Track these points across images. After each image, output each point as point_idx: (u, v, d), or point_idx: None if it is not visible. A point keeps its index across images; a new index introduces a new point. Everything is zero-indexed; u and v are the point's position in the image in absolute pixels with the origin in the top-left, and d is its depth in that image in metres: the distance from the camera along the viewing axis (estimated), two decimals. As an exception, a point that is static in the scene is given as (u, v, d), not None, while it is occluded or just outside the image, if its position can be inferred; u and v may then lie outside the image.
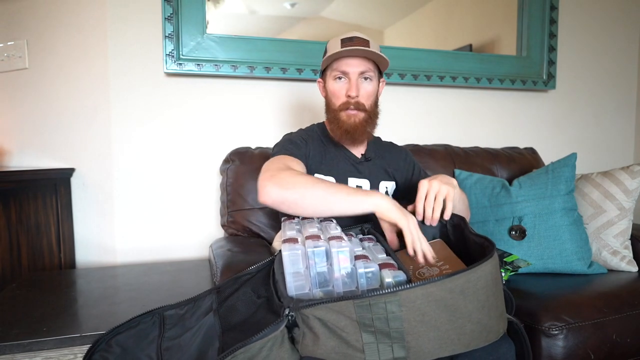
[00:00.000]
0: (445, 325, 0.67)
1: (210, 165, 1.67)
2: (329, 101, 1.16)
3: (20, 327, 1.01)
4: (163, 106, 1.62)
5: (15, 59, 1.70)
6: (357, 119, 1.11)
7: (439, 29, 1.89)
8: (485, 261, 0.69)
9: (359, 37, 1.09)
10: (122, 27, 1.56)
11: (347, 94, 1.11)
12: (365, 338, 0.66)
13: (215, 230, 1.68)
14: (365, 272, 0.72)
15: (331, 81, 1.13)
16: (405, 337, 0.66)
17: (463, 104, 1.95)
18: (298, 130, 1.24)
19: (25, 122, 1.71)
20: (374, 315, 0.66)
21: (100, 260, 1.64)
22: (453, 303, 0.67)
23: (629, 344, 1.17)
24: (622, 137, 2.23)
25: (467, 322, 0.68)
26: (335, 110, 1.13)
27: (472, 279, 0.68)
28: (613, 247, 1.45)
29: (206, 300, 0.95)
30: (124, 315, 1.08)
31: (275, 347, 0.68)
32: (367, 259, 0.76)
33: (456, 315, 0.67)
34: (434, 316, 0.66)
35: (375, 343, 0.66)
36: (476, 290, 0.68)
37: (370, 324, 0.66)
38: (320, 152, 1.17)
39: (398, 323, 0.66)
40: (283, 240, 0.78)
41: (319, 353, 0.67)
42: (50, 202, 1.56)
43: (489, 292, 0.70)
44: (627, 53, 2.20)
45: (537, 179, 1.48)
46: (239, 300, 0.94)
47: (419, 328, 0.66)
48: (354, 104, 1.10)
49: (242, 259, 1.16)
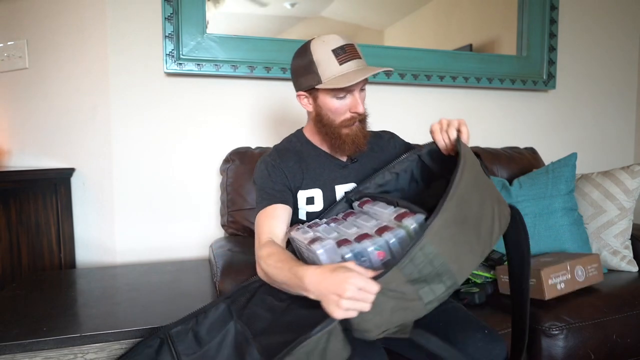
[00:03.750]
0: (469, 235, 0.76)
1: (210, 165, 1.67)
2: (324, 117, 1.06)
3: (20, 327, 1.01)
4: (163, 106, 1.62)
5: (15, 59, 1.70)
6: (359, 131, 1.08)
7: (439, 28, 1.89)
8: (460, 164, 0.78)
9: (350, 46, 1.02)
10: (122, 27, 1.56)
11: (352, 111, 1.05)
12: (419, 288, 0.72)
13: (215, 230, 1.68)
14: (374, 248, 0.80)
15: (329, 99, 1.03)
16: (449, 266, 0.73)
17: (463, 104, 1.95)
18: (271, 153, 1.13)
19: (25, 122, 1.71)
20: (418, 267, 0.71)
21: (100, 260, 1.64)
22: (464, 214, 0.75)
23: (629, 344, 1.17)
24: (622, 136, 2.23)
25: (480, 221, 0.78)
26: (335, 126, 1.06)
27: (462, 186, 0.75)
28: (613, 247, 1.45)
29: (218, 310, 0.96)
30: (124, 315, 1.09)
31: (332, 339, 0.72)
32: (369, 236, 0.82)
33: (471, 222, 0.76)
34: (459, 233, 0.74)
35: (428, 286, 0.73)
36: (471, 191, 0.77)
37: (418, 276, 0.72)
38: (301, 168, 1.10)
39: (439, 259, 0.72)
40: (309, 242, 0.84)
41: (377, 322, 0.71)
42: (50, 202, 1.56)
43: (480, 185, 0.81)
44: (628, 53, 2.20)
45: (537, 179, 1.48)
46: (259, 307, 0.96)
47: (455, 251, 0.74)
48: (360, 119, 1.07)
49: (242, 258, 1.16)
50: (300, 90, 1.07)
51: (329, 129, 1.06)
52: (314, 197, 1.10)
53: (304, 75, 1.03)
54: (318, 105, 1.06)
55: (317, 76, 1.01)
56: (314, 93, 1.05)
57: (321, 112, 1.06)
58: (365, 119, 1.09)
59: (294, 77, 1.08)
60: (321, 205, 1.10)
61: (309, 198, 1.10)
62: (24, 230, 1.47)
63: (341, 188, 1.11)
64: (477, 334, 0.90)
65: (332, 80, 1.00)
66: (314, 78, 1.01)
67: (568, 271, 1.18)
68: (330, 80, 1.00)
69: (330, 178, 1.11)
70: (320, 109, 1.06)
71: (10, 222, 1.43)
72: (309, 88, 1.04)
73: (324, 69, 1.00)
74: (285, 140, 1.17)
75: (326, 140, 1.10)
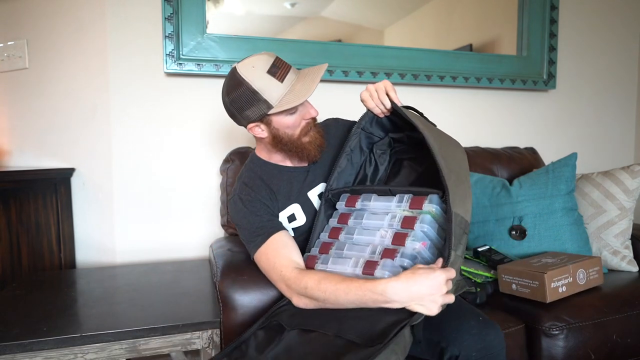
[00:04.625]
0: (464, 184, 0.92)
1: (210, 165, 1.67)
2: (283, 136, 1.05)
3: (20, 327, 1.01)
4: (163, 106, 1.62)
5: (15, 59, 1.70)
6: (316, 133, 1.09)
7: (439, 28, 1.88)
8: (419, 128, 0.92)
9: (278, 60, 1.01)
10: (122, 27, 1.56)
11: (306, 118, 1.05)
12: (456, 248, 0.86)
13: (215, 230, 1.68)
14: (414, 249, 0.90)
15: (284, 118, 1.02)
16: (465, 219, 0.89)
17: (463, 104, 1.95)
18: (239, 190, 1.10)
19: (26, 122, 1.71)
20: (456, 235, 0.85)
21: (100, 260, 1.64)
22: (451, 168, 0.89)
23: (630, 344, 1.17)
24: (623, 136, 2.22)
25: (460, 168, 0.93)
26: (295, 139, 1.06)
27: (436, 144, 0.89)
28: (613, 247, 1.45)
29: (256, 332, 0.93)
30: (124, 315, 1.09)
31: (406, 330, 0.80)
32: (404, 235, 0.91)
33: (458, 173, 0.91)
34: (459, 187, 0.89)
35: (460, 244, 0.87)
36: (441, 144, 0.92)
37: (457, 241, 0.86)
38: (272, 192, 1.09)
39: (460, 218, 0.87)
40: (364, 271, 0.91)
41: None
42: (50, 202, 1.56)
43: (440, 135, 0.97)
44: (628, 53, 2.20)
45: (537, 179, 1.48)
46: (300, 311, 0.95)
47: (463, 204, 0.89)
48: (314, 122, 1.08)
49: (242, 258, 1.16)
50: (251, 123, 1.03)
51: (291, 145, 1.06)
52: (294, 213, 1.11)
53: (249, 107, 1.00)
54: (274, 128, 1.04)
55: (265, 103, 0.99)
56: (267, 119, 1.03)
57: (278, 133, 1.05)
58: (316, 119, 1.10)
59: (236, 113, 1.03)
60: (303, 218, 1.11)
61: (290, 216, 1.11)
62: (24, 230, 1.47)
63: (313, 193, 1.13)
64: (471, 320, 0.91)
65: (282, 102, 0.99)
66: (263, 106, 0.99)
67: (570, 274, 1.18)
68: (280, 103, 0.99)
69: (299, 189, 1.12)
70: (276, 130, 1.05)
71: (10, 222, 1.43)
72: (261, 117, 1.02)
73: (270, 94, 0.98)
74: (246, 170, 1.14)
75: (290, 156, 1.11)
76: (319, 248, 1.02)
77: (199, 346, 1.06)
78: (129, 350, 1.02)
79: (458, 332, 0.89)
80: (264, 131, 1.06)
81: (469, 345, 0.87)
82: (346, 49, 1.73)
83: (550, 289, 1.13)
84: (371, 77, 1.74)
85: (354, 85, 1.77)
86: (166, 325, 1.03)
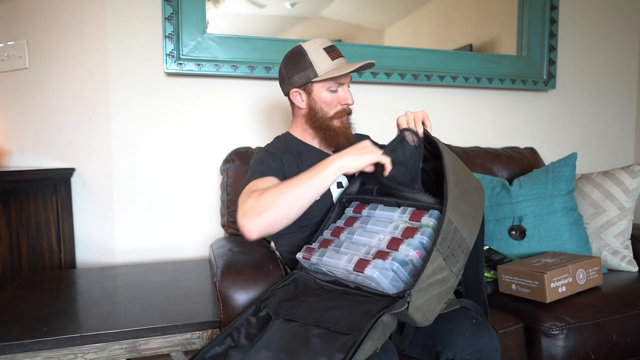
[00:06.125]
0: (470, 207, 0.91)
1: (210, 165, 1.67)
2: (318, 111, 1.15)
3: (20, 327, 1.01)
4: (163, 106, 1.62)
5: (15, 59, 1.70)
6: (348, 124, 1.18)
7: (439, 28, 1.89)
8: (442, 150, 0.93)
9: (335, 47, 1.15)
10: (122, 27, 1.56)
11: (343, 103, 1.16)
12: (450, 265, 0.85)
13: (215, 230, 1.68)
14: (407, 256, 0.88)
15: (324, 92, 1.14)
16: (463, 236, 0.87)
17: (463, 104, 1.95)
18: (266, 146, 1.22)
19: (25, 122, 1.71)
20: (447, 242, 0.84)
21: (100, 260, 1.64)
22: (462, 188, 0.90)
23: (630, 344, 1.17)
24: (623, 136, 2.22)
25: (471, 194, 0.94)
26: (327, 118, 1.15)
27: (451, 167, 0.90)
28: (613, 247, 1.45)
29: (249, 319, 0.94)
30: (124, 315, 1.09)
31: (387, 330, 0.81)
32: (400, 241, 0.90)
33: (467, 196, 0.91)
34: (465, 206, 0.90)
35: (454, 257, 0.86)
36: (457, 170, 0.92)
37: (449, 253, 0.85)
38: (296, 161, 1.15)
39: (458, 232, 0.86)
40: (355, 268, 0.88)
41: (432, 309, 0.83)
42: (50, 202, 1.56)
43: (460, 165, 0.97)
44: (628, 53, 2.20)
45: (537, 179, 1.48)
46: (291, 301, 0.94)
47: (464, 223, 0.88)
48: (349, 111, 1.18)
49: (242, 258, 1.16)
50: (294, 88, 1.15)
51: (322, 122, 1.16)
52: None
53: (299, 72, 1.13)
54: (312, 100, 1.15)
55: (313, 71, 1.12)
56: (309, 88, 1.14)
57: (315, 106, 1.15)
58: (351, 113, 1.19)
59: (286, 77, 1.16)
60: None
61: None
62: (24, 230, 1.47)
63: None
64: (464, 323, 0.92)
65: (327, 73, 1.11)
66: (310, 73, 1.12)
67: (570, 274, 1.18)
68: (326, 73, 1.11)
69: None
70: (314, 102, 1.15)
71: (10, 222, 1.43)
72: (304, 83, 1.13)
73: (319, 64, 1.12)
74: (275, 140, 1.24)
75: (318, 135, 1.19)
76: (319, 243, 1.03)
77: (199, 346, 1.06)
78: (129, 350, 1.02)
79: (452, 336, 0.90)
80: (303, 101, 1.16)
81: (463, 349, 0.88)
82: (346, 49, 1.70)
83: (550, 289, 1.13)
84: (371, 77, 1.74)
85: (354, 85, 1.76)
86: (166, 325, 1.03)
